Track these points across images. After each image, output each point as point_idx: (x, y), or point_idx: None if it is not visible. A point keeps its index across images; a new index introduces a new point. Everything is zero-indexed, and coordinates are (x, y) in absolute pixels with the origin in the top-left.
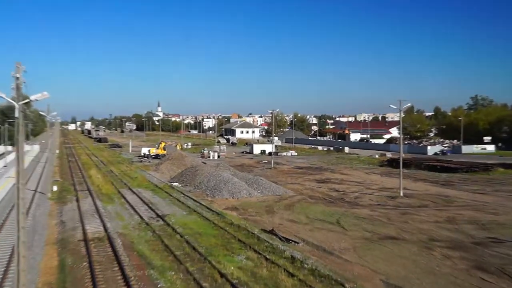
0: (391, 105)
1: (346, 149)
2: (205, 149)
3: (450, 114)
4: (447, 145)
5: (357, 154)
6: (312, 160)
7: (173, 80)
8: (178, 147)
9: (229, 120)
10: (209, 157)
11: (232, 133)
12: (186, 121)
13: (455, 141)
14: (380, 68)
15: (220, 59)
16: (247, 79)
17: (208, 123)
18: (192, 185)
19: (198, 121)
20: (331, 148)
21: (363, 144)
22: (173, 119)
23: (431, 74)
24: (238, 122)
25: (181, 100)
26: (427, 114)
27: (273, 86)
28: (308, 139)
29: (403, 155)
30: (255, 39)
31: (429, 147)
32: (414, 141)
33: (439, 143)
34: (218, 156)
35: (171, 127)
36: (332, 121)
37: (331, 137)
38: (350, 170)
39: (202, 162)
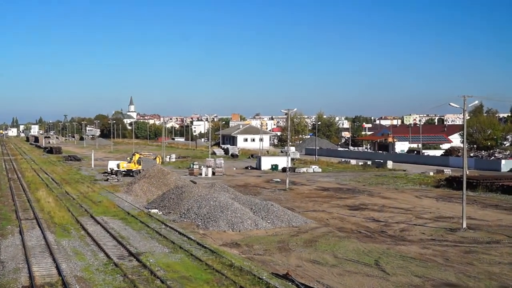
0: (451, 103)
1: (390, 164)
2: (195, 163)
3: None
4: None
5: (405, 170)
6: (343, 178)
7: (151, 69)
8: (158, 161)
9: (228, 124)
10: (200, 174)
11: (232, 141)
12: (169, 125)
13: None
14: (436, 53)
15: (215, 40)
16: (252, 69)
17: (199, 127)
18: (177, 212)
19: (186, 124)
20: (369, 163)
21: (412, 156)
22: (151, 121)
23: (506, 62)
24: (241, 126)
25: (162, 97)
26: (501, 115)
27: (288, 78)
28: (337, 149)
29: (468, 172)
30: (263, 15)
31: (503, 161)
32: (483, 152)
33: None
34: (213, 173)
35: (148, 133)
36: (370, 125)
37: (368, 147)
38: (394, 193)
39: (191, 181)
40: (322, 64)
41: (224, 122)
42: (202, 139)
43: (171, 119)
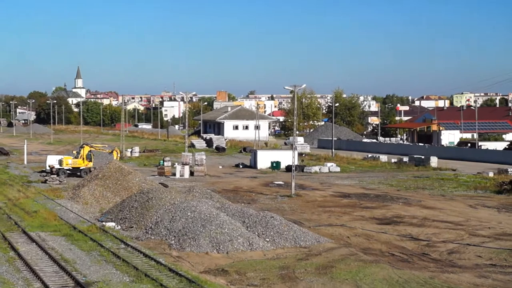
0: None
1: (434, 161)
2: (167, 159)
3: None
4: None
5: (454, 169)
6: (369, 181)
7: (106, 31)
8: (116, 156)
9: (212, 105)
10: (173, 174)
11: (218, 129)
12: (130, 106)
13: None
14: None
15: None
16: (244, 31)
17: (172, 110)
18: (142, 226)
19: (154, 106)
20: (405, 159)
21: (465, 151)
22: (106, 101)
23: None
24: (229, 108)
25: (120, 68)
26: None
27: (294, 44)
28: (362, 141)
29: None
30: None
31: None
32: None
33: None
34: (192, 173)
35: (102, 118)
36: (406, 108)
37: (405, 137)
38: (440, 201)
39: (161, 183)
40: (339, 24)
41: (206, 103)
42: (176, 126)
43: (133, 98)
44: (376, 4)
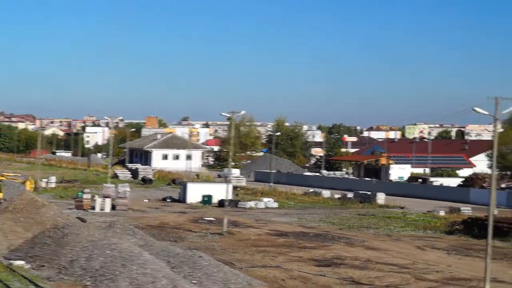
0: (476, 108)
1: (381, 197)
2: (86, 190)
3: None
4: None
5: (403, 207)
6: (310, 218)
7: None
8: (29, 186)
9: (140, 132)
10: (93, 207)
11: (145, 158)
12: (48, 131)
13: None
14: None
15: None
16: (179, 52)
17: (95, 136)
18: (55, 266)
19: (75, 131)
20: (350, 195)
21: (415, 187)
22: (21, 125)
23: None
24: (159, 136)
25: (38, 89)
26: None
27: (233, 68)
28: (304, 174)
29: (496, 212)
30: None
31: None
32: None
33: None
34: (113, 207)
35: (16, 143)
36: (354, 139)
37: (351, 171)
38: (386, 241)
39: (79, 217)
40: (281, 47)
41: (134, 130)
42: (99, 155)
43: (52, 122)
44: (324, 28)
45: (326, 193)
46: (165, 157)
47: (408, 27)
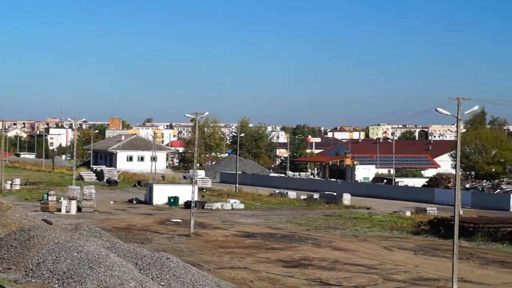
0: (438, 109)
1: (347, 198)
2: (52, 193)
3: None
4: None
5: (369, 208)
6: (276, 219)
7: None
8: None
9: (104, 133)
10: (59, 210)
11: (110, 160)
12: (11, 133)
13: None
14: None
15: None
16: (143, 51)
17: (59, 138)
18: (22, 268)
19: (39, 133)
20: (316, 196)
21: (380, 188)
22: None
23: None
24: (123, 137)
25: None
26: (510, 128)
27: (197, 67)
28: (269, 175)
29: (461, 212)
30: None
31: None
32: (485, 182)
33: None
34: (79, 209)
35: None
36: (318, 139)
37: (316, 172)
38: (353, 242)
39: (44, 220)
40: (245, 47)
41: (97, 131)
42: (63, 156)
43: (15, 124)
44: (285, 29)
45: (292, 194)
46: (129, 158)
47: (371, 26)
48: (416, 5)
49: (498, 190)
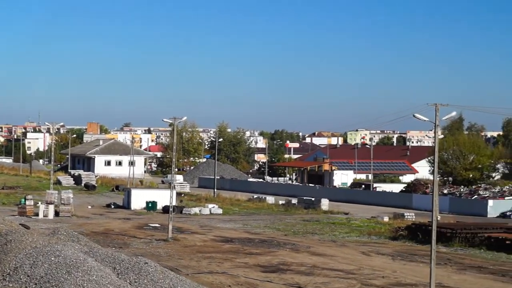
0: (416, 115)
1: (325, 203)
2: (29, 197)
3: None
4: None
5: (347, 213)
6: (255, 224)
7: None
8: None
9: (82, 138)
10: (36, 214)
11: (88, 164)
12: None
13: None
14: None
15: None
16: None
17: (37, 142)
18: None
19: (16, 137)
20: (294, 201)
21: (358, 193)
22: None
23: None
24: (101, 142)
25: None
26: (489, 134)
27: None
28: (248, 180)
29: (439, 218)
30: None
31: (490, 202)
32: (463, 188)
33: None
34: (57, 213)
35: None
36: (296, 145)
37: (294, 177)
38: (331, 247)
39: (22, 224)
40: (223, 52)
41: (75, 136)
42: (41, 161)
43: None
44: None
45: (270, 199)
46: (107, 163)
47: (351, 31)
48: (390, 10)
49: (476, 196)
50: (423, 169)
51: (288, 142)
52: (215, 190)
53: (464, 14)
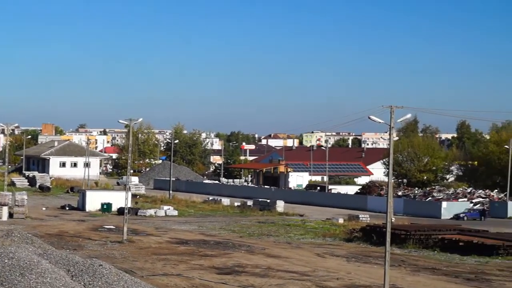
0: (371, 117)
1: (280, 205)
2: None
3: (488, 138)
4: (481, 199)
5: (302, 215)
6: (210, 226)
7: None
8: None
9: (37, 139)
10: None
11: (43, 165)
12: None
13: (495, 193)
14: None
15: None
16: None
17: None
18: None
19: None
20: (250, 203)
21: (313, 195)
22: None
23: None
24: (56, 143)
25: None
26: (443, 136)
27: (128, 70)
28: (203, 182)
29: (393, 219)
30: None
31: (444, 204)
32: (417, 190)
33: (465, 196)
34: (11, 215)
35: None
36: (252, 146)
37: (249, 179)
38: (286, 249)
39: None
40: (177, 54)
41: (30, 137)
42: None
43: None
44: (222, 34)
45: (225, 201)
46: (62, 164)
47: (306, 33)
48: (348, 10)
49: (430, 198)
50: (378, 171)
51: (244, 144)
52: (171, 192)
53: (416, 14)
